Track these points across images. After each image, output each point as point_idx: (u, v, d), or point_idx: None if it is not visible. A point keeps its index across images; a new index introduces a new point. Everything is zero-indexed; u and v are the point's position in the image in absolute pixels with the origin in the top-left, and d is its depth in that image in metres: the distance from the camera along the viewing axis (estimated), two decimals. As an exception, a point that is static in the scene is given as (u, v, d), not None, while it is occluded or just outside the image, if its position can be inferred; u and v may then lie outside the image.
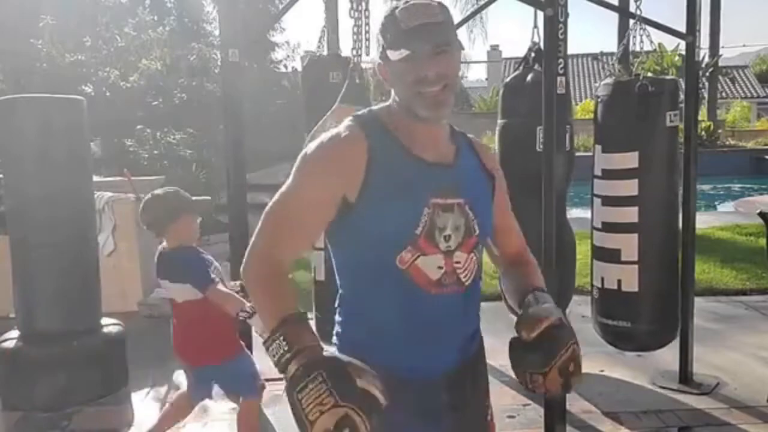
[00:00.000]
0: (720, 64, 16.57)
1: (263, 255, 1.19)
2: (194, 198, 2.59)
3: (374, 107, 1.29)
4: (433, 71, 1.15)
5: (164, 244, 2.49)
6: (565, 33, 2.57)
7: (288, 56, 12.73)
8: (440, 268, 1.20)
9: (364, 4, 2.68)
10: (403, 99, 1.21)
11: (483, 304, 1.32)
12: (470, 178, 1.27)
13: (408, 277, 1.18)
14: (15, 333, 3.31)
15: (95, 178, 3.96)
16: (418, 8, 1.17)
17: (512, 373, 1.25)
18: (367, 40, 2.68)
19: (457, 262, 1.22)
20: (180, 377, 3.54)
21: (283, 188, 1.22)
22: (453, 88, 1.20)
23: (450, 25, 1.20)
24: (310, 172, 1.21)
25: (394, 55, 1.17)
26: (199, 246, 2.56)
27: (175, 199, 2.47)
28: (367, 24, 2.71)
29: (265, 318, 1.14)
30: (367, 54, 2.67)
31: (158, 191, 2.55)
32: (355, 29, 2.67)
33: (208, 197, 3.20)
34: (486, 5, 4.47)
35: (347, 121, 1.23)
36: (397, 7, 1.19)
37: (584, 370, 3.80)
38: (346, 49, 3.27)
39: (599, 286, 3.12)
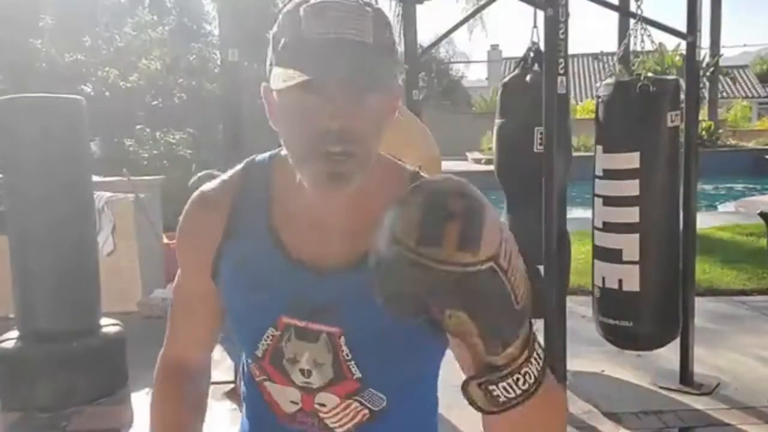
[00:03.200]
0: (721, 63, 16.54)
1: (162, 356, 0.99)
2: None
3: (276, 155, 0.88)
4: (336, 124, 0.71)
5: None
6: (565, 33, 2.57)
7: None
8: (294, 403, 0.86)
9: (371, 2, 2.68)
10: (291, 157, 0.78)
11: None
12: (371, 294, 0.69)
13: (261, 394, 0.89)
14: (14, 333, 3.31)
15: (95, 178, 3.96)
16: (338, 10, 0.71)
17: None
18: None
19: (322, 405, 0.84)
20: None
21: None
22: (364, 155, 0.75)
23: (386, 51, 0.74)
24: (179, 248, 0.93)
25: (280, 77, 0.72)
26: None
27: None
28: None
29: None
30: None
31: (210, 172, 2.71)
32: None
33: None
34: (486, 4, 4.46)
35: (230, 173, 0.89)
36: (307, 1, 0.74)
37: (585, 369, 3.79)
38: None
39: (600, 285, 3.12)
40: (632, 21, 3.16)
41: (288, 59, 0.72)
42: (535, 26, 3.19)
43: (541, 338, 2.86)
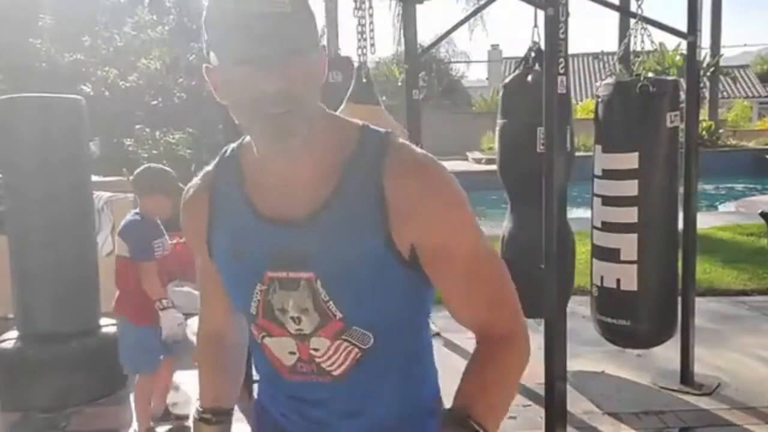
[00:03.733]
0: (721, 63, 16.54)
1: (198, 334, 1.14)
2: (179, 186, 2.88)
3: (245, 140, 0.98)
4: (273, 85, 0.80)
5: (137, 208, 2.84)
6: (565, 32, 2.56)
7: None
8: (292, 353, 0.95)
9: (367, 2, 2.68)
10: (240, 125, 0.88)
11: None
12: (338, 234, 0.88)
13: (263, 352, 0.99)
14: (14, 333, 3.30)
15: (94, 178, 3.95)
16: None
17: None
18: (372, 38, 2.67)
19: (316, 350, 0.93)
20: (180, 377, 3.54)
21: None
22: (303, 110, 0.83)
23: (304, 17, 0.83)
24: (185, 237, 1.08)
25: (215, 57, 0.84)
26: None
27: (158, 177, 2.83)
28: (371, 23, 2.70)
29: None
30: (372, 53, 2.67)
31: (153, 166, 3.03)
32: (360, 28, 2.66)
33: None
34: (486, 4, 4.45)
35: (203, 170, 1.01)
36: None
37: (585, 369, 3.77)
38: (345, 48, 3.26)
39: (599, 284, 3.13)
40: (632, 21, 3.15)
41: (219, 39, 0.83)
42: (535, 26, 3.19)
43: (541, 338, 2.86)
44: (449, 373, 1.03)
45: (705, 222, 6.71)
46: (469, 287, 0.93)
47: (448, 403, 0.94)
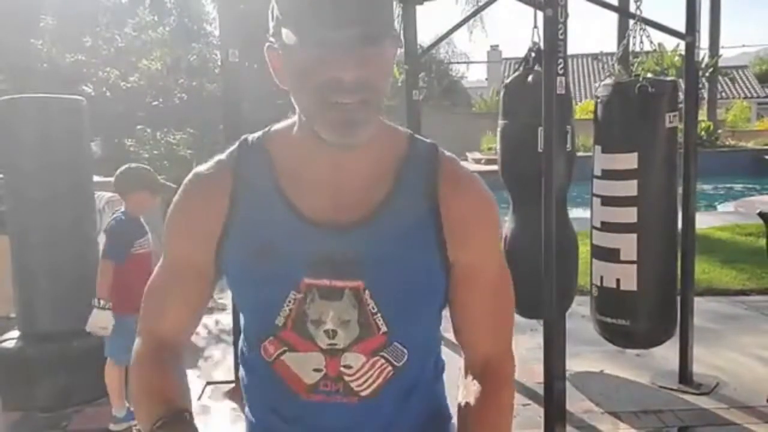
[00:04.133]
0: (720, 64, 16.54)
1: (145, 339, 0.92)
2: (163, 182, 3.08)
3: (275, 126, 0.90)
4: (351, 73, 0.73)
5: (122, 206, 2.97)
6: (564, 33, 2.57)
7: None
8: (318, 370, 0.85)
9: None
10: (302, 112, 0.80)
11: None
12: (392, 243, 0.82)
13: (275, 373, 0.87)
14: (15, 333, 3.31)
15: (95, 178, 3.96)
16: None
17: None
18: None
19: (348, 367, 0.84)
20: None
21: (163, 254, 0.95)
22: (377, 102, 0.77)
23: (389, 2, 0.77)
24: (174, 225, 0.90)
25: (291, 34, 0.74)
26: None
27: (140, 175, 2.97)
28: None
29: (140, 415, 0.85)
30: None
31: (133, 165, 3.17)
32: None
33: (174, 185, 3.33)
34: (486, 5, 4.46)
35: (225, 152, 0.90)
36: None
37: (584, 369, 3.78)
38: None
39: (598, 284, 3.14)
40: (631, 21, 3.16)
41: (297, 16, 0.73)
42: (535, 27, 3.20)
43: (541, 338, 2.87)
44: (450, 371, 1.04)
45: (704, 222, 6.72)
46: (486, 315, 0.91)
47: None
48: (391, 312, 0.83)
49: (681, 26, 3.22)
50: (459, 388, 0.94)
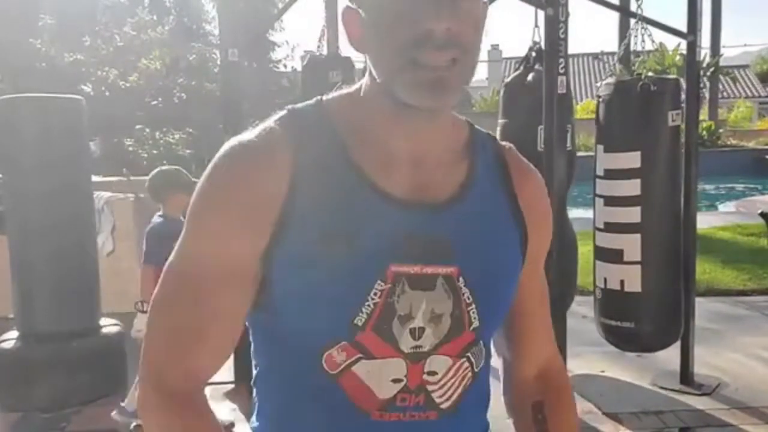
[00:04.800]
0: (721, 63, 16.55)
1: (155, 385, 0.72)
2: (194, 180, 3.01)
3: (326, 96, 0.76)
4: (443, 24, 0.65)
5: (160, 211, 2.97)
6: (565, 32, 2.56)
7: (288, 56, 12.76)
8: (397, 381, 0.71)
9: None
10: (382, 73, 0.69)
11: None
12: (481, 226, 0.74)
13: (338, 389, 0.70)
14: (14, 333, 3.30)
15: (94, 178, 3.95)
16: None
17: None
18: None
19: (432, 373, 0.72)
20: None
21: (175, 255, 0.73)
22: (468, 62, 0.69)
23: None
24: (210, 209, 0.71)
25: None
26: None
27: (175, 177, 2.96)
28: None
29: None
30: None
31: (164, 167, 3.16)
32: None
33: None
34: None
35: (271, 121, 0.73)
36: None
37: (585, 370, 3.77)
38: (346, 48, 3.26)
39: (602, 286, 3.11)
40: (633, 21, 3.15)
41: None
42: (536, 26, 3.19)
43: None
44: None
45: (705, 222, 6.71)
46: (544, 311, 0.86)
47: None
48: (483, 302, 0.72)
49: (682, 25, 3.21)
50: (511, 393, 0.89)
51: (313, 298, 0.69)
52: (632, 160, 2.95)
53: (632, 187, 2.96)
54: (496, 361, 0.85)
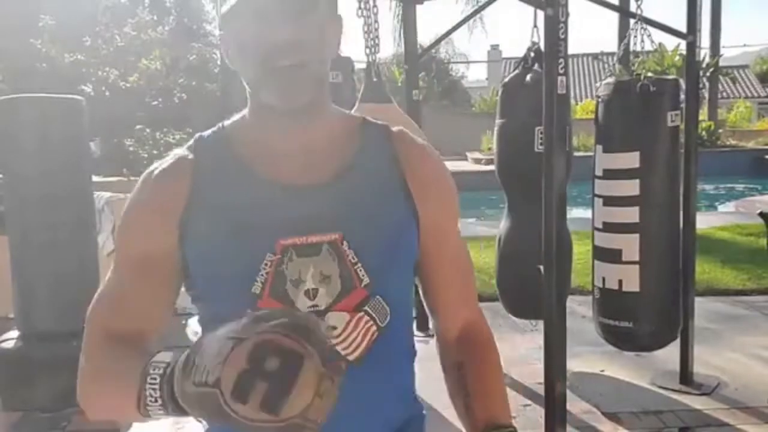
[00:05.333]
0: (721, 63, 16.56)
1: (92, 330, 0.87)
2: None
3: (226, 122, 0.94)
4: (286, 35, 0.79)
5: None
6: (565, 33, 2.56)
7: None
8: None
9: (371, 2, 2.68)
10: (249, 85, 0.86)
11: (482, 304, 1.02)
12: (365, 198, 0.86)
13: None
14: (14, 333, 3.31)
15: (95, 178, 3.96)
16: None
17: (512, 373, 1.23)
18: (378, 38, 2.67)
19: (332, 328, 0.83)
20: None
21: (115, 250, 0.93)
22: (315, 65, 0.83)
23: None
24: (133, 218, 0.90)
25: (227, 17, 0.83)
26: None
27: None
28: (377, 22, 2.70)
29: (121, 399, 0.74)
30: (378, 52, 2.67)
31: None
32: (365, 28, 2.66)
33: None
34: (486, 5, 4.46)
35: (172, 154, 0.91)
36: None
37: (585, 370, 3.75)
38: (346, 48, 3.27)
39: (600, 286, 3.12)
40: (632, 21, 3.16)
41: (235, 2, 0.82)
42: (535, 26, 3.19)
43: (541, 338, 2.85)
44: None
45: (704, 222, 6.72)
46: (458, 278, 0.96)
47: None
48: (371, 261, 0.84)
49: (682, 26, 3.21)
50: (440, 355, 0.99)
51: (217, 278, 0.83)
52: (631, 160, 2.96)
53: (631, 188, 2.97)
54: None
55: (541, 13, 2.66)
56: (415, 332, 1.04)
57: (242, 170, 0.86)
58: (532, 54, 3.32)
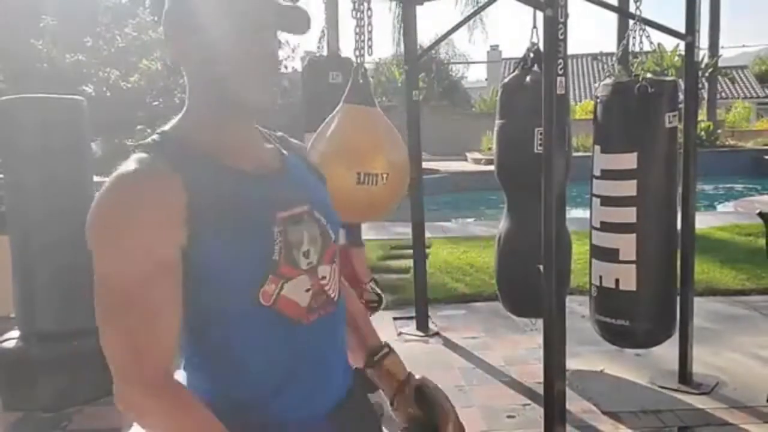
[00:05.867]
0: (719, 64, 16.58)
1: (137, 376, 0.88)
2: None
3: (167, 128, 0.99)
4: (277, 50, 1.02)
5: None
6: (564, 33, 2.57)
7: (288, 56, 12.75)
8: (308, 290, 0.98)
9: (366, 4, 2.69)
10: (222, 81, 0.95)
11: (481, 304, 1.15)
12: (305, 179, 1.08)
13: (276, 312, 0.95)
14: (15, 333, 3.31)
15: (96, 179, 3.96)
16: None
17: (512, 373, 1.26)
18: (370, 40, 2.68)
19: (323, 278, 1.01)
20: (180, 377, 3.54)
21: (105, 268, 0.92)
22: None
23: None
24: (130, 227, 0.88)
25: (230, 26, 0.92)
26: None
27: None
28: (370, 24, 2.71)
29: None
30: (370, 54, 2.67)
31: None
32: (357, 30, 2.67)
33: None
34: (486, 5, 4.47)
35: (138, 157, 0.93)
36: None
37: (584, 369, 3.75)
38: (346, 49, 3.28)
39: (597, 284, 3.14)
40: (631, 22, 3.17)
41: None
42: (534, 27, 3.20)
43: (540, 338, 2.85)
44: (450, 371, 1.04)
45: (703, 222, 6.72)
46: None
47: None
48: (330, 221, 1.05)
49: (681, 26, 3.22)
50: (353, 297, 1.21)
51: (241, 258, 0.92)
52: (629, 161, 2.97)
53: (629, 188, 2.98)
54: (495, 361, 0.88)
55: (540, 14, 2.67)
56: (415, 332, 1.12)
57: (223, 168, 0.96)
58: (532, 55, 3.33)
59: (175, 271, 0.89)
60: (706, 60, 14.71)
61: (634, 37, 3.15)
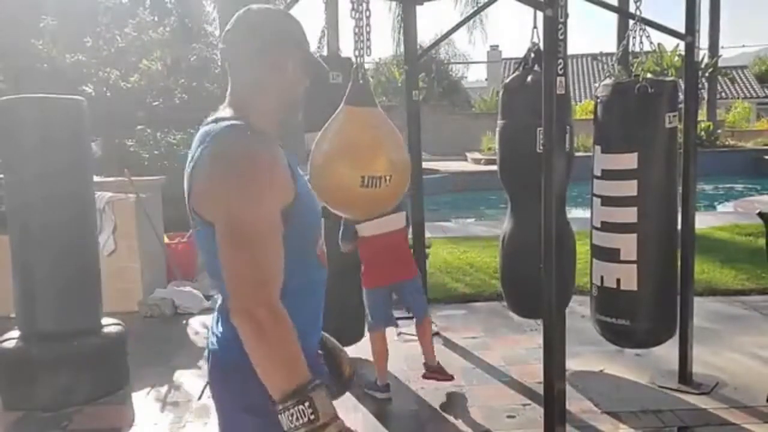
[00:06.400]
0: (719, 64, 16.57)
1: (266, 299, 1.10)
2: None
3: (238, 122, 1.21)
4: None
5: None
6: (564, 33, 2.58)
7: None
8: (319, 236, 1.34)
9: (365, 4, 2.69)
10: (283, 103, 1.31)
11: (481, 304, 1.20)
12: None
13: (319, 260, 1.30)
14: (16, 333, 3.31)
15: (96, 179, 3.97)
16: None
17: (512, 373, 1.28)
18: (369, 40, 2.68)
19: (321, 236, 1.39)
20: (181, 377, 3.56)
21: (243, 203, 1.11)
22: None
23: None
24: (266, 178, 1.14)
25: (302, 59, 1.31)
26: None
27: None
28: (368, 25, 2.71)
29: (281, 374, 1.08)
30: (369, 55, 2.67)
31: None
32: (357, 30, 2.67)
33: None
34: (486, 5, 4.47)
35: (245, 133, 1.18)
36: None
37: (584, 369, 3.75)
38: (346, 49, 3.27)
39: (598, 284, 3.14)
40: (631, 22, 3.17)
41: (310, 54, 1.44)
42: (534, 27, 3.21)
43: (540, 338, 2.85)
44: (450, 371, 1.04)
45: (703, 222, 6.73)
46: None
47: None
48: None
49: (681, 26, 3.22)
50: None
51: (314, 214, 1.31)
52: (629, 161, 2.97)
53: (629, 188, 2.98)
54: (495, 361, 0.88)
55: (540, 14, 2.67)
56: (415, 332, 1.18)
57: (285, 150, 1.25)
58: (532, 55, 3.34)
59: (281, 221, 1.16)
60: (706, 60, 14.70)
61: (634, 38, 3.15)
